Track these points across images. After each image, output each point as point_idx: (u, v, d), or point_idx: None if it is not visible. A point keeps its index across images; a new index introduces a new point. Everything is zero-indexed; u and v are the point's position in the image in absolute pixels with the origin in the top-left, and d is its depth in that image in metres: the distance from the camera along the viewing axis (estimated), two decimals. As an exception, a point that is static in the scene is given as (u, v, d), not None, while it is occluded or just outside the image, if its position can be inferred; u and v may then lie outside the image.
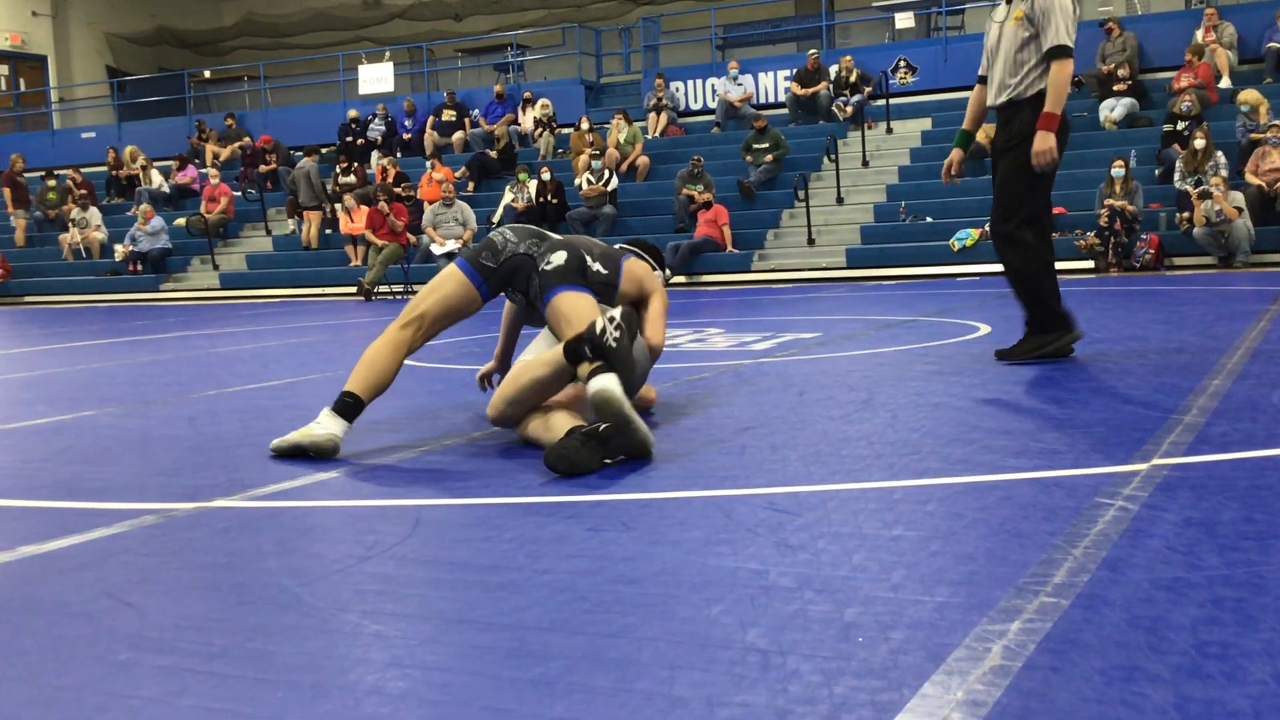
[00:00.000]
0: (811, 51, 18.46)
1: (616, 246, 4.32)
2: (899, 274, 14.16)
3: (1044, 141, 5.03)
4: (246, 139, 21.54)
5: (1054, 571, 2.16)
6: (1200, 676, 1.66)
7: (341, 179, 18.26)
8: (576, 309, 3.78)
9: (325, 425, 3.69)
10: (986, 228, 14.17)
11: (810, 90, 17.95)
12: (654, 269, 4.35)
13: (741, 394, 4.75)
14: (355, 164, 18.85)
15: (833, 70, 18.02)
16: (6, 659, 1.97)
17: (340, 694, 1.74)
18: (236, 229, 19.85)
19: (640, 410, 4.00)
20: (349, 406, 3.73)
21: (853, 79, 17.74)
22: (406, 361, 3.91)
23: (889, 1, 20.84)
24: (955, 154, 5.62)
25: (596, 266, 3.96)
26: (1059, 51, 5.08)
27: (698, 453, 3.50)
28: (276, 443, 3.76)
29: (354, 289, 15.94)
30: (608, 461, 3.32)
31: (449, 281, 3.89)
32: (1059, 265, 5.44)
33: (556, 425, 3.53)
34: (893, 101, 17.59)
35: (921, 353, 5.67)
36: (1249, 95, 14.06)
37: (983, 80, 5.53)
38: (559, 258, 3.89)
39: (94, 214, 20.06)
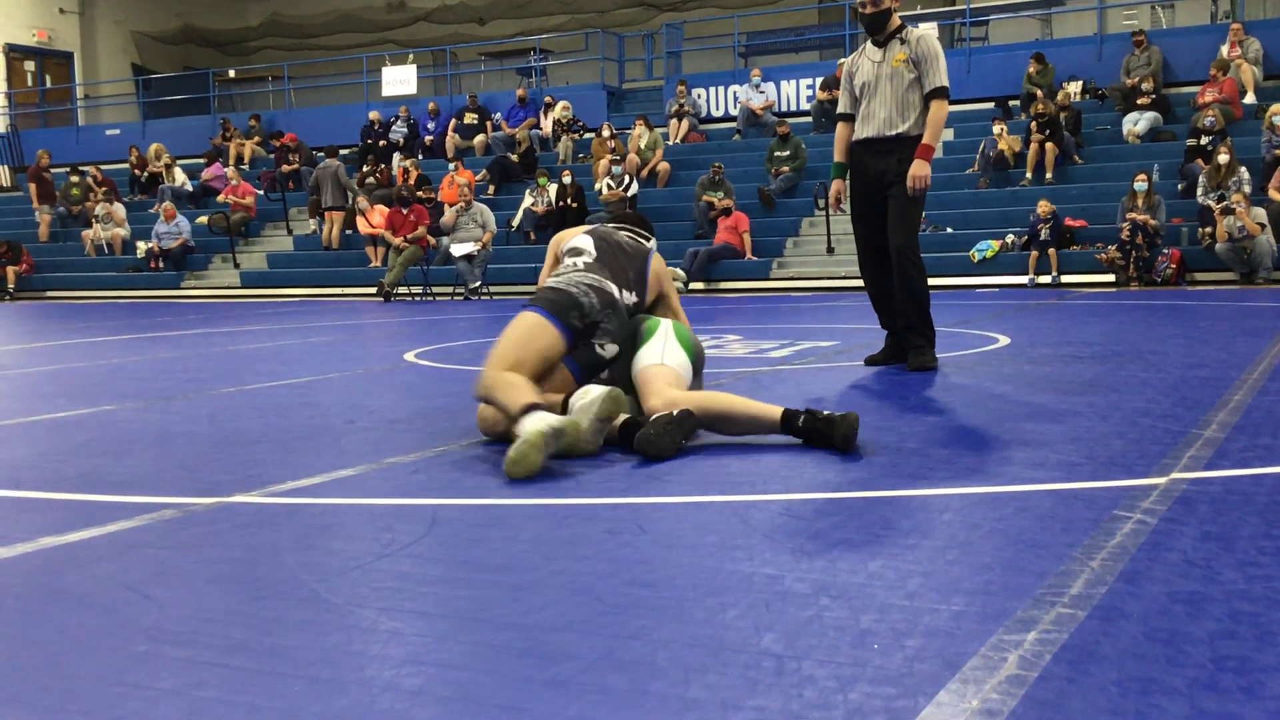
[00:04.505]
0: (841, 61, 18.44)
1: (610, 226, 4.38)
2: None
3: (923, 169, 5.56)
4: (272, 139, 21.64)
5: (1071, 583, 2.16)
6: (1216, 690, 1.65)
7: (366, 180, 18.33)
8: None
9: (534, 422, 3.36)
10: (1008, 239, 14.21)
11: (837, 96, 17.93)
12: (648, 239, 4.43)
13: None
14: (381, 165, 18.95)
15: (858, 79, 17.99)
16: (27, 648, 1.99)
17: (356, 689, 1.75)
18: (258, 228, 19.94)
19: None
20: (531, 406, 3.47)
21: (877, 88, 17.71)
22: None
23: (912, 12, 20.80)
24: (840, 185, 5.94)
25: (631, 299, 4.10)
26: (943, 92, 5.63)
27: (715, 458, 3.51)
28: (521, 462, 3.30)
29: (374, 290, 16.00)
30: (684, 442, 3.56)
31: (542, 336, 3.87)
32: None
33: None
34: (915, 112, 17.54)
35: (940, 363, 5.66)
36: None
37: (847, 118, 5.85)
38: (612, 350, 3.98)
39: (117, 210, 20.20)
